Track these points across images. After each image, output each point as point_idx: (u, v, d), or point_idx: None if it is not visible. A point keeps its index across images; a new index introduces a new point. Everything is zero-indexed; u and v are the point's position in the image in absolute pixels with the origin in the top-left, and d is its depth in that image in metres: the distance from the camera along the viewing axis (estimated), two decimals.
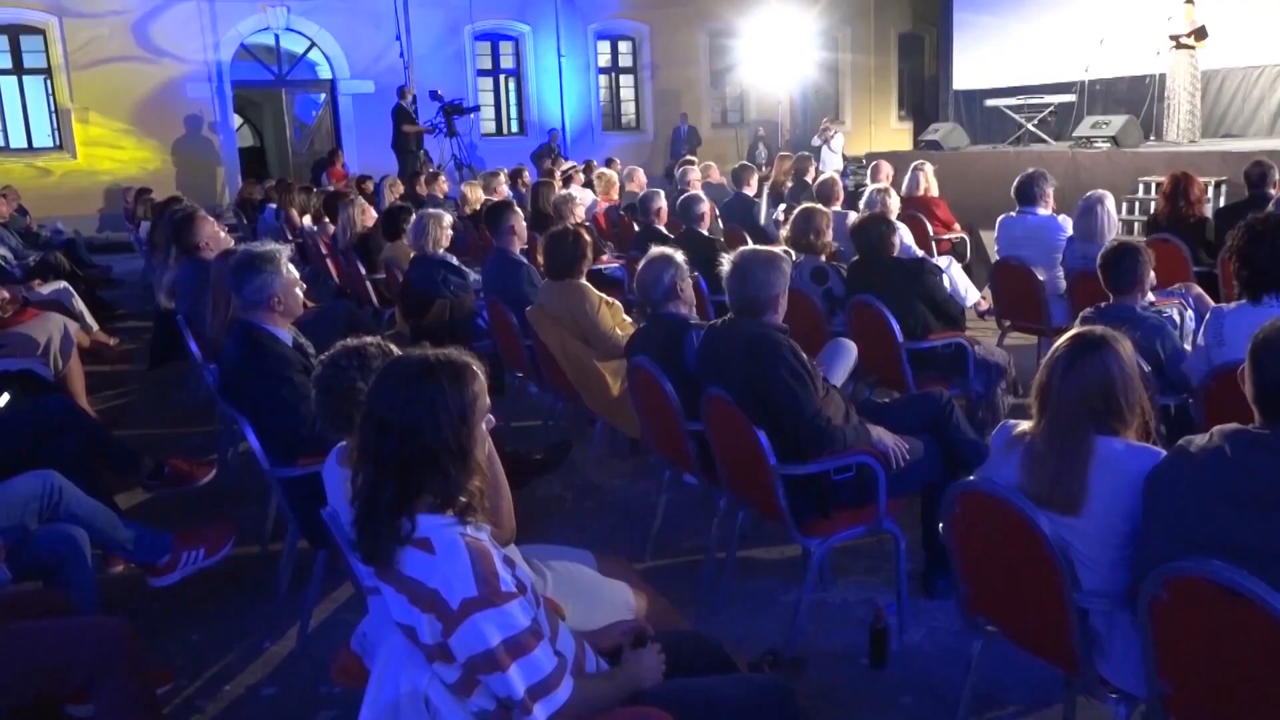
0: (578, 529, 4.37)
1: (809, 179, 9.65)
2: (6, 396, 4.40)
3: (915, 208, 8.03)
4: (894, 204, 6.73)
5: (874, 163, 9.62)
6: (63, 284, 8.34)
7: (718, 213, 8.14)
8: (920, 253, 6.61)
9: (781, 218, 8.41)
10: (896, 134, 23.39)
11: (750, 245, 3.75)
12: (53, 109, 17.28)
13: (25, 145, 17.31)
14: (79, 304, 7.93)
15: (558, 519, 4.55)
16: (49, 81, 17.17)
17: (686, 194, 7.36)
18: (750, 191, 8.87)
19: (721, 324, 3.58)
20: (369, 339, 2.68)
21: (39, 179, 16.55)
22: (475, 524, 2.00)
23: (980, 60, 17.61)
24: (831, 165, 14.72)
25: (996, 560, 2.50)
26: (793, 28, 19.33)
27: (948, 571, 2.81)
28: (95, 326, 7.97)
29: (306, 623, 3.57)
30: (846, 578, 3.84)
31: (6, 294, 6.80)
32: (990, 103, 15.62)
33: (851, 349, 4.59)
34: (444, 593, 1.86)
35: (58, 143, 17.37)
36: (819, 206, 5.78)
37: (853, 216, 6.38)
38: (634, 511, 4.51)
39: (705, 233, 6.71)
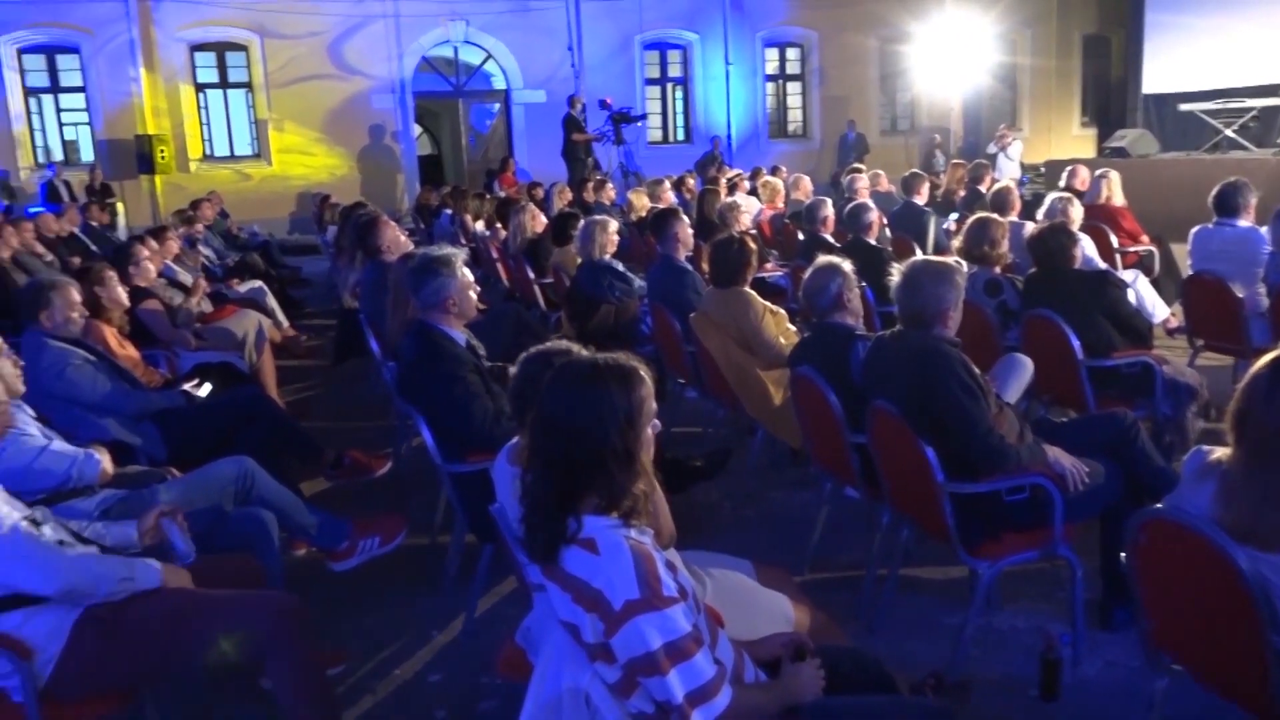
0: (735, 538, 4.35)
1: (983, 188, 9.32)
2: (209, 387, 4.74)
3: (1099, 218, 7.63)
4: (1076, 213, 6.40)
5: (1071, 166, 9.17)
6: (258, 283, 8.93)
7: (885, 222, 7.97)
8: (1104, 265, 6.28)
9: (953, 227, 8.16)
10: (1078, 141, 22.28)
11: (921, 255, 3.65)
12: (252, 120, 18.57)
13: (228, 153, 18.67)
14: (272, 302, 8.47)
15: (716, 527, 4.54)
16: (250, 94, 18.46)
17: (854, 202, 7.23)
18: (920, 200, 8.64)
19: (890, 335, 3.50)
20: (559, 344, 2.72)
21: (239, 183, 17.79)
22: (639, 527, 2.02)
23: (1174, 62, 16.58)
24: (1008, 173, 14.16)
25: (1186, 595, 2.34)
26: (969, 31, 18.72)
27: (1128, 603, 2.66)
28: (286, 323, 8.49)
29: (472, 614, 3.69)
30: (1015, 603, 3.68)
31: (206, 284, 7.33)
32: (1184, 107, 14.70)
33: (1027, 365, 4.39)
34: (607, 593, 1.89)
35: (256, 151, 18.64)
36: (994, 216, 5.57)
37: (1030, 227, 6.12)
38: (793, 523, 4.45)
39: (873, 242, 6.58)
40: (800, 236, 8.07)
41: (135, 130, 17.42)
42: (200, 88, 18.35)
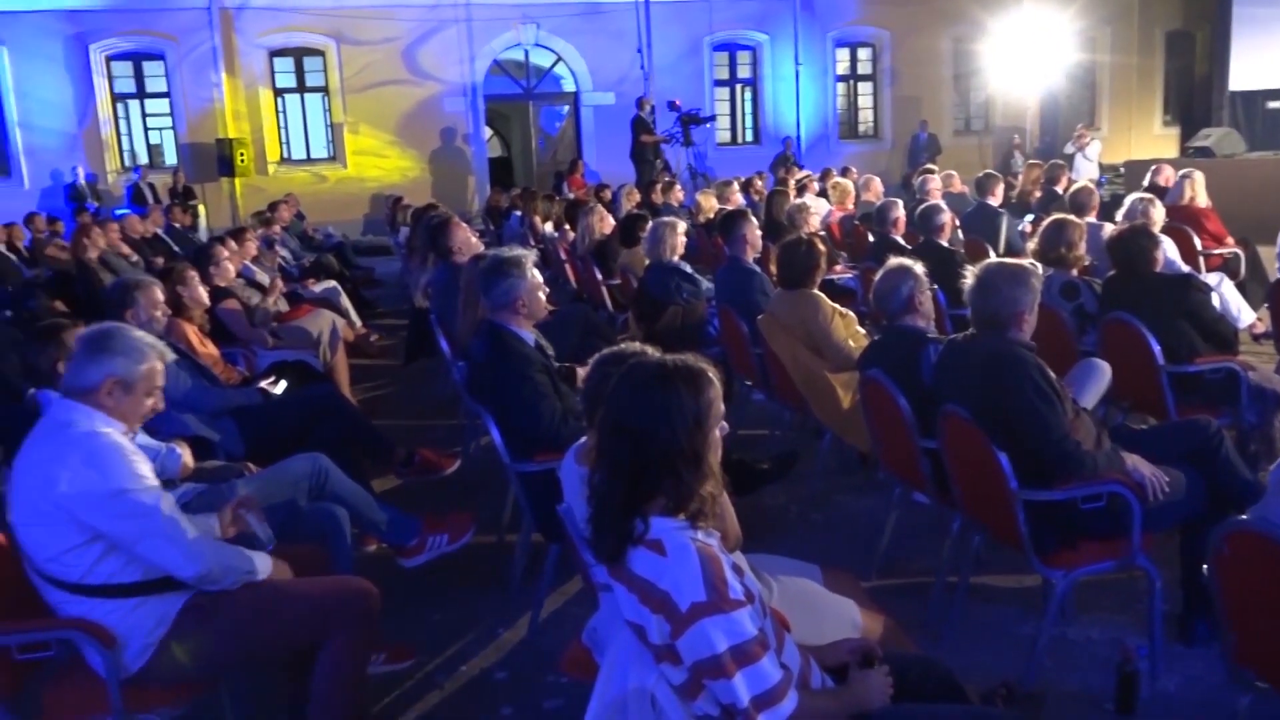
0: (802, 542, 4.32)
1: (1060, 188, 9.12)
2: (284, 384, 4.84)
3: (1181, 219, 7.41)
4: (1158, 215, 6.23)
5: (1155, 165, 8.92)
6: (333, 283, 9.12)
7: (958, 223, 7.83)
8: (1186, 268, 6.10)
9: (1028, 229, 8.00)
10: (1160, 140, 21.68)
11: (995, 258, 3.59)
12: (328, 123, 18.97)
13: (305, 156, 19.10)
14: (346, 302, 8.64)
15: (782, 530, 4.52)
16: (326, 98, 18.87)
17: (926, 203, 7.13)
18: (995, 202, 8.48)
19: (962, 339, 3.44)
20: (634, 345, 2.72)
21: (315, 185, 18.20)
22: (706, 529, 2.02)
23: (1262, 58, 16.03)
24: (1086, 174, 13.83)
25: (1270, 609, 2.27)
26: (1046, 29, 18.33)
27: (1209, 617, 2.58)
28: (359, 323, 8.65)
29: (537, 613, 3.72)
30: (1091, 614, 3.59)
31: (282, 284, 7.51)
32: (1273, 105, 14.21)
33: (1104, 370, 4.28)
34: (674, 595, 1.89)
35: (331, 154, 19.04)
36: (1071, 218, 5.43)
37: (1109, 228, 5.97)
38: (861, 527, 4.41)
39: (945, 244, 6.48)
40: (870, 238, 7.98)
41: (216, 134, 17.93)
42: (279, 92, 18.81)
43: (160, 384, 2.84)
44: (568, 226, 9.99)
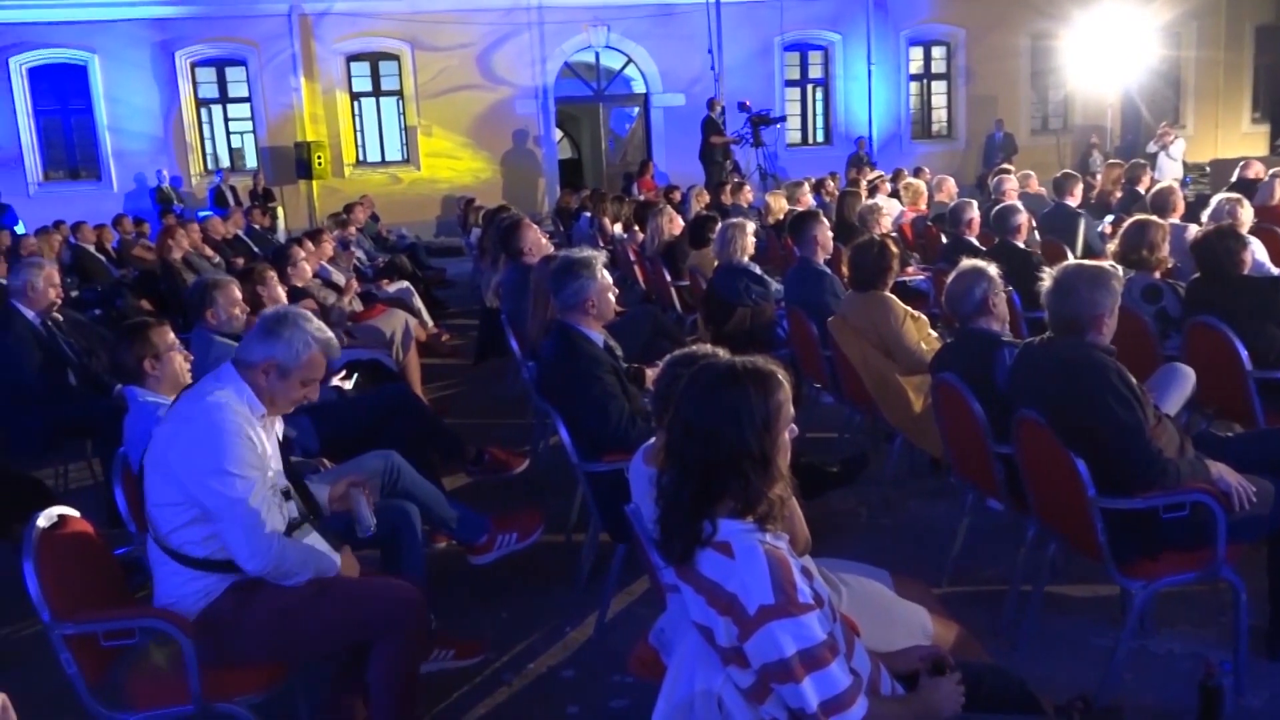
0: (871, 547, 4.26)
1: (1142, 188, 8.87)
2: (354, 379, 4.93)
3: (1271, 220, 7.16)
4: (1246, 215, 6.02)
5: (1243, 161, 8.63)
6: (405, 284, 9.27)
7: (1034, 224, 7.67)
8: (1276, 270, 5.88)
9: (1108, 230, 7.81)
10: (1249, 138, 20.95)
11: (1074, 259, 3.50)
12: (402, 126, 19.31)
13: (379, 159, 19.46)
14: (418, 302, 8.77)
15: (851, 535, 4.47)
16: (401, 102, 19.20)
17: (1002, 204, 7.00)
18: (1073, 202, 8.28)
19: (1039, 342, 3.36)
20: (705, 346, 2.71)
21: (389, 187, 18.53)
22: (774, 532, 2.00)
23: None
24: (1170, 173, 13.44)
25: None
26: (1128, 25, 17.84)
27: None
28: (430, 323, 8.77)
29: (604, 612, 3.73)
30: (1172, 627, 3.48)
31: (357, 284, 7.66)
32: None
33: (1188, 375, 4.15)
34: (742, 597, 1.88)
35: (405, 156, 19.37)
36: (1154, 218, 5.29)
37: (1193, 229, 5.78)
38: (932, 533, 4.34)
39: (1021, 245, 6.35)
40: (943, 239, 7.86)
41: (295, 138, 18.37)
42: (355, 96, 19.19)
43: (320, 376, 2.94)
44: (637, 228, 10.02)
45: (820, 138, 20.93)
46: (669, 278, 7.72)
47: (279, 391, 2.85)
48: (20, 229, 14.66)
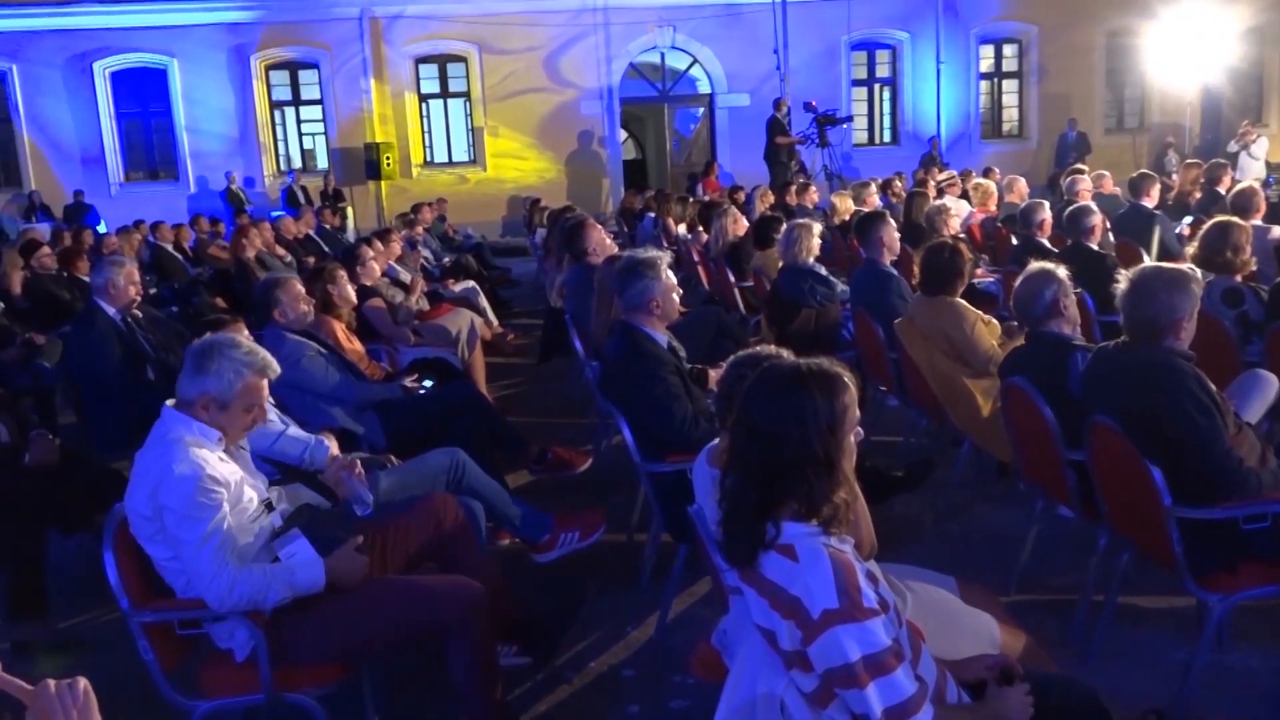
0: (937, 553, 4.19)
1: (1222, 189, 8.61)
2: (430, 382, 4.99)
3: None
4: None
5: None
6: (471, 283, 9.38)
7: (1109, 226, 7.49)
8: None
9: (1187, 232, 7.60)
10: None
11: (1150, 261, 3.41)
12: (469, 127, 19.54)
13: (446, 159, 19.72)
14: (483, 301, 8.86)
15: (916, 540, 4.40)
16: (468, 103, 19.43)
17: (1075, 205, 6.84)
18: (1150, 203, 8.07)
19: (1113, 347, 3.28)
20: (771, 348, 2.69)
21: (456, 187, 18.75)
22: (839, 535, 1.99)
23: None
24: (1252, 173, 13.03)
25: None
26: (1208, 21, 17.31)
27: None
28: (495, 322, 8.86)
29: (665, 613, 3.73)
30: (1250, 641, 3.37)
31: (424, 283, 7.76)
32: None
33: (1270, 382, 4.02)
34: (805, 601, 1.86)
35: (472, 157, 19.59)
36: (1235, 220, 5.13)
37: (1277, 231, 5.62)
38: (999, 540, 4.26)
39: (1095, 247, 6.20)
40: (1013, 241, 7.71)
41: (364, 139, 18.70)
42: (423, 98, 19.46)
43: (262, 399, 2.92)
44: (701, 228, 10.00)
45: (887, 138, 20.68)
46: (733, 278, 7.69)
47: (224, 421, 2.84)
48: (102, 228, 15.16)
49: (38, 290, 7.66)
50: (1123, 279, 3.24)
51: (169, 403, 2.88)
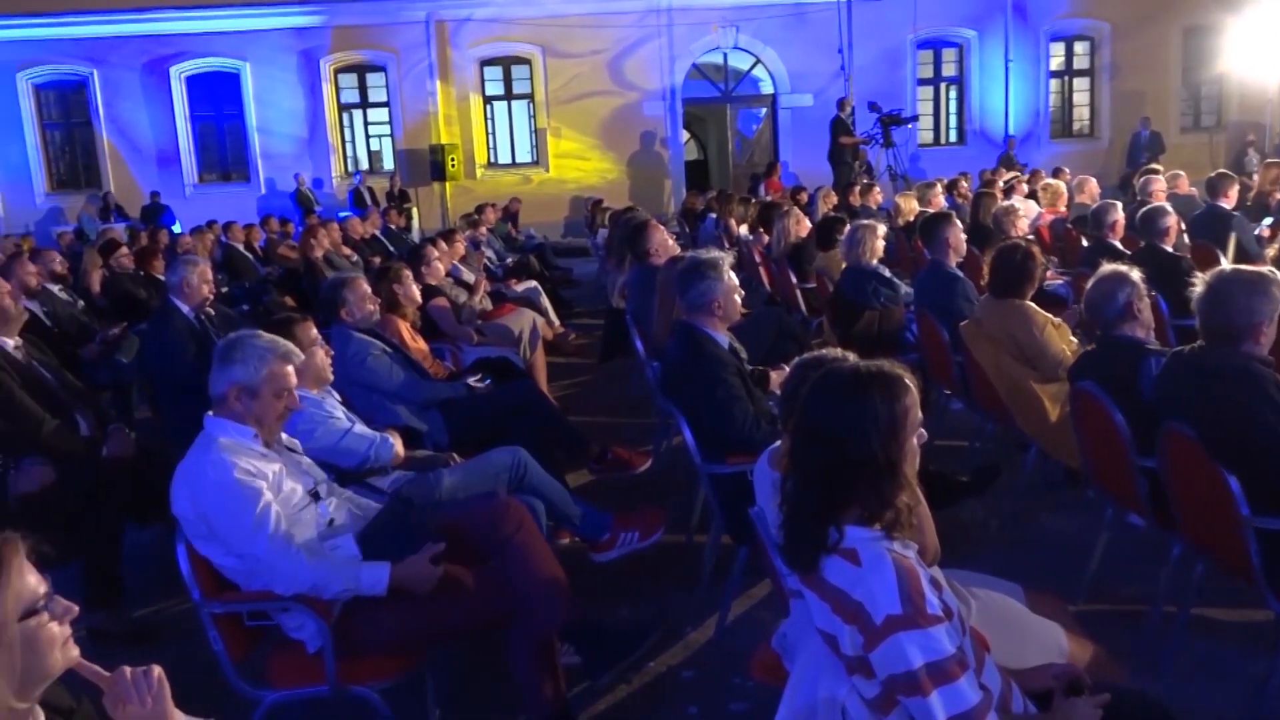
0: (1003, 560, 4.11)
1: None
2: (487, 382, 5.04)
3: None
4: None
5: None
6: (533, 283, 9.44)
7: (1184, 227, 7.29)
8: None
9: (1267, 234, 7.37)
10: None
11: (1227, 264, 3.32)
12: (533, 129, 19.69)
13: (510, 160, 19.90)
14: (545, 301, 8.91)
15: (981, 547, 4.33)
16: (531, 105, 19.59)
17: (1149, 206, 6.67)
18: (1228, 204, 7.83)
19: (1189, 351, 3.20)
20: (835, 350, 2.67)
21: (519, 188, 18.91)
22: (902, 540, 1.96)
23: None
24: None
25: None
26: None
27: None
28: (557, 322, 8.91)
29: (725, 615, 3.72)
30: None
31: (487, 283, 7.83)
32: None
33: None
34: (868, 606, 1.84)
35: (534, 158, 19.75)
36: None
37: None
38: (1067, 548, 4.17)
39: (1169, 249, 6.04)
40: (1084, 242, 7.55)
41: (430, 140, 18.95)
42: (488, 99, 19.66)
43: (290, 385, 2.96)
44: (762, 229, 9.95)
45: (953, 137, 20.39)
46: (795, 280, 7.64)
47: (258, 411, 2.88)
48: (177, 228, 15.58)
49: (116, 289, 7.90)
50: (1199, 282, 3.16)
51: (209, 413, 2.94)
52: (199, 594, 2.73)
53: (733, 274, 4.03)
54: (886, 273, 6.31)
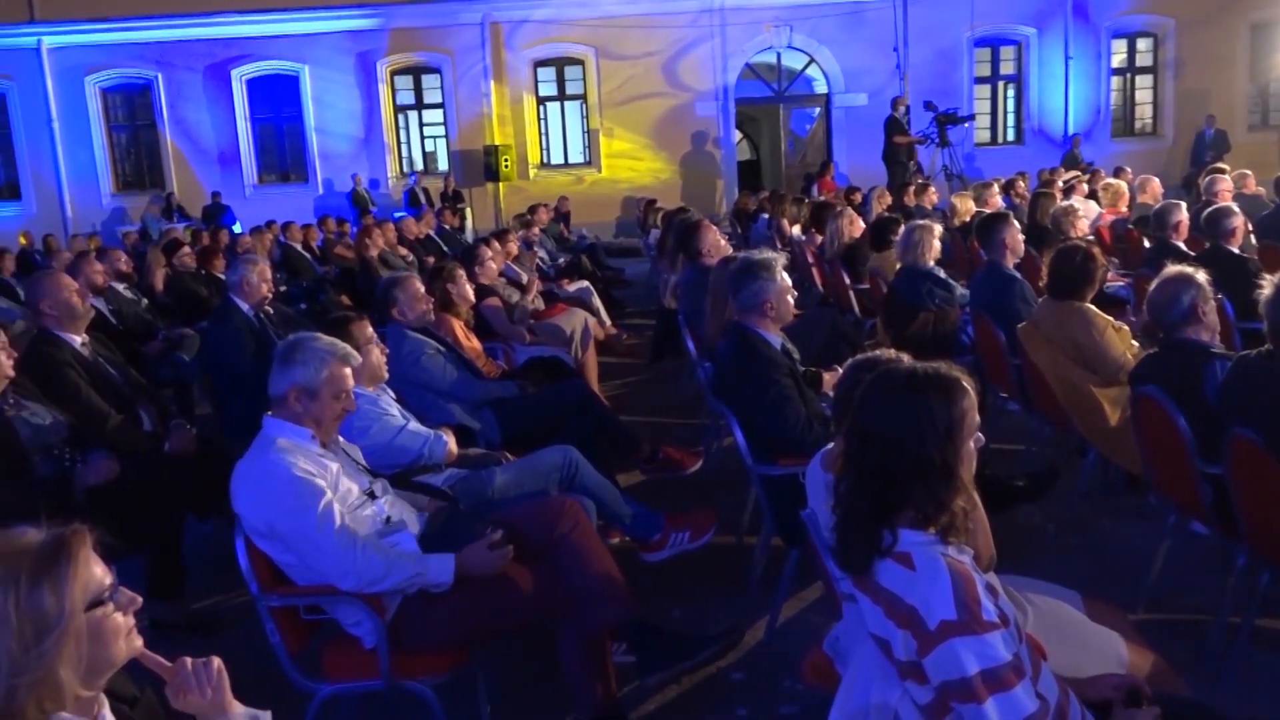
0: (1060, 566, 4.04)
1: None
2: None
3: None
4: None
5: None
6: (585, 283, 9.47)
7: (1251, 228, 7.10)
8: None
9: None
10: None
11: None
12: (585, 129, 19.76)
13: (562, 161, 20.00)
14: (597, 301, 8.94)
15: (1039, 553, 4.26)
16: (584, 105, 19.66)
17: (1214, 206, 6.51)
18: None
19: (1256, 355, 3.12)
20: (890, 351, 2.65)
21: (572, 188, 19.00)
22: (958, 545, 1.93)
23: None
24: None
25: None
26: None
27: None
28: (609, 322, 8.93)
29: (775, 617, 3.70)
30: None
31: (539, 283, 7.87)
32: None
33: None
34: (922, 611, 1.82)
35: (587, 159, 19.82)
36: None
37: None
38: (1126, 556, 4.09)
39: (1236, 250, 5.89)
40: (1146, 243, 7.39)
41: (483, 141, 19.11)
42: (541, 100, 19.77)
43: (348, 387, 3.00)
44: (815, 230, 9.89)
45: (1011, 136, 20.07)
46: (848, 280, 7.58)
47: (316, 412, 2.92)
48: (237, 228, 15.89)
49: (178, 287, 8.08)
50: (1267, 284, 3.08)
51: (268, 414, 2.99)
52: (257, 587, 2.78)
53: (785, 275, 4.01)
54: (941, 274, 6.23)
